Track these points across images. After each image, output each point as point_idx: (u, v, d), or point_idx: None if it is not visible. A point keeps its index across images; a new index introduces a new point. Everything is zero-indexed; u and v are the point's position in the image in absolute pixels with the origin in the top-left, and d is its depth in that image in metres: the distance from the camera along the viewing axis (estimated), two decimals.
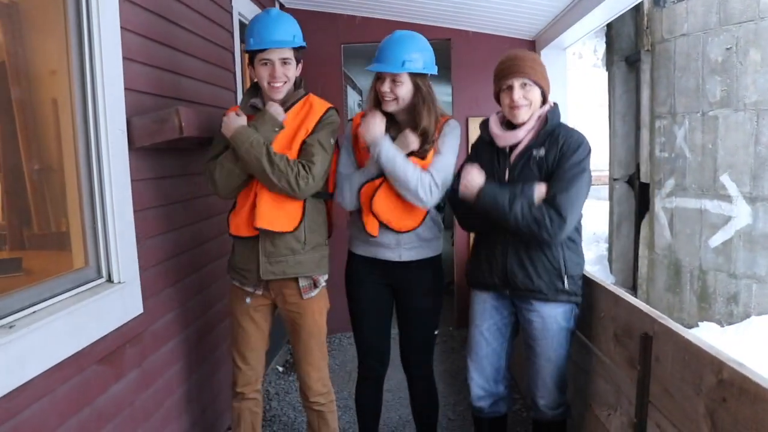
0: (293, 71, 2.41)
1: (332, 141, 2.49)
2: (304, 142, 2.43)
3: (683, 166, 6.15)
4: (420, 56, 2.48)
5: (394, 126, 2.58)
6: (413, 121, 2.53)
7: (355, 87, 9.37)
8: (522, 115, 2.38)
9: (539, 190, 2.32)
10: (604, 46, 8.10)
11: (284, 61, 2.36)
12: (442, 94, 8.30)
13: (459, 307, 5.42)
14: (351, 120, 2.71)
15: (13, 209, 2.05)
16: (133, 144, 2.35)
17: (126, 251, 2.30)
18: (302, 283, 2.51)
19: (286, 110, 2.43)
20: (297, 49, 2.42)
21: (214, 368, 3.20)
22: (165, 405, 2.64)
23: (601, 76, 7.88)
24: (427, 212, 2.60)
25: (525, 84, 2.36)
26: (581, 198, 2.33)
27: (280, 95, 2.41)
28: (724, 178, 5.71)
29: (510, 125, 2.46)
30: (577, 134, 2.40)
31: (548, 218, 2.26)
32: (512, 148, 2.45)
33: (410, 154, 2.50)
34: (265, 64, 2.36)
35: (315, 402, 2.67)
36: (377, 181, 2.53)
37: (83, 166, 2.19)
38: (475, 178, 2.38)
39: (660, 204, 6.51)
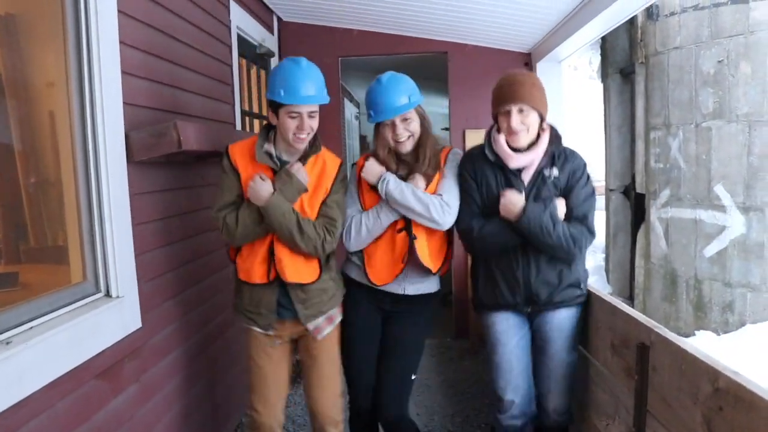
0: (317, 123, 2.40)
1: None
2: (324, 203, 2.46)
3: (678, 177, 6.19)
4: (412, 89, 2.53)
5: (402, 164, 2.58)
6: (417, 154, 2.53)
7: (352, 99, 9.41)
8: (520, 140, 2.41)
9: (561, 207, 2.42)
10: (599, 58, 8.15)
11: (311, 115, 2.35)
12: (439, 106, 8.35)
13: (457, 318, 5.43)
14: (354, 164, 2.69)
15: (10, 223, 2.06)
16: (131, 158, 2.36)
17: (124, 265, 2.30)
18: (311, 326, 2.51)
19: (301, 160, 2.42)
20: None
21: (213, 382, 3.19)
22: (164, 420, 2.63)
23: (596, 88, 7.92)
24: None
25: (522, 109, 2.37)
26: (593, 214, 2.51)
27: (303, 146, 2.40)
28: (718, 189, 5.75)
29: (515, 150, 2.47)
30: (578, 155, 2.53)
31: (584, 237, 2.44)
32: (521, 170, 2.48)
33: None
34: (294, 117, 2.31)
35: None
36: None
37: (81, 180, 2.19)
38: (515, 200, 2.40)
39: (655, 214, 6.54)
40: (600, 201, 8.30)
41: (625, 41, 7.36)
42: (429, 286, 2.67)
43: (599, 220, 2.63)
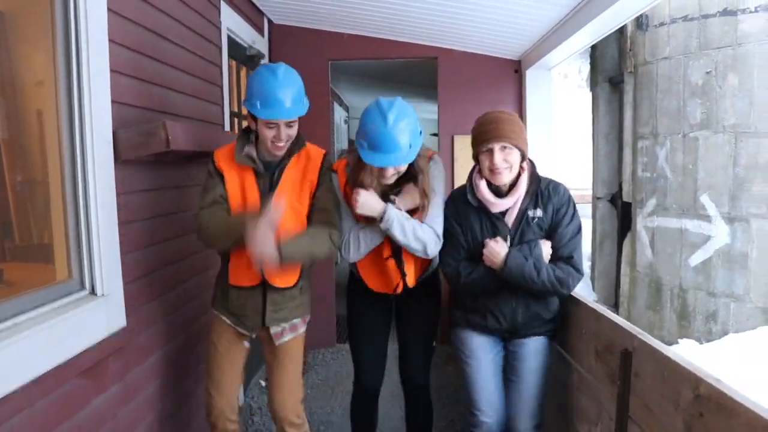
0: (296, 129, 2.41)
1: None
2: (315, 198, 2.50)
3: (664, 186, 6.23)
4: (414, 131, 2.39)
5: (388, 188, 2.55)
6: (406, 172, 2.49)
7: (341, 103, 9.42)
8: (503, 178, 2.44)
9: (545, 249, 2.47)
10: (589, 67, 8.19)
11: (289, 125, 2.36)
12: (428, 111, 8.37)
13: (441, 324, 5.41)
14: (335, 171, 2.62)
15: None
16: (119, 157, 2.35)
17: (110, 264, 2.29)
18: (274, 330, 2.55)
19: (288, 156, 2.45)
20: None
21: (197, 382, 3.18)
22: (147, 419, 2.62)
23: (585, 97, 7.96)
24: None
25: (505, 147, 2.39)
26: (580, 251, 2.54)
27: (282, 152, 2.42)
28: (704, 199, 5.79)
29: (497, 189, 2.50)
30: (561, 188, 2.54)
31: (571, 277, 2.48)
32: (503, 213, 2.51)
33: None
34: (271, 127, 2.33)
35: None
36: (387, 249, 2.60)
37: (68, 178, 2.18)
38: (499, 251, 2.44)
39: (642, 223, 6.58)
40: (587, 209, 8.37)
41: (615, 50, 7.41)
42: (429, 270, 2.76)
43: (586, 228, 2.65)
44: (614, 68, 7.44)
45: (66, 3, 2.12)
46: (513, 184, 2.48)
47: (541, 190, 2.50)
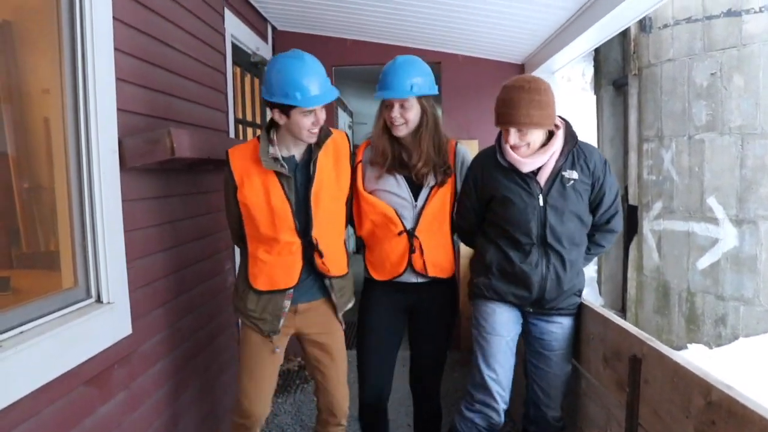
0: (325, 112, 2.41)
1: None
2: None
3: (671, 189, 6.21)
4: (424, 79, 2.55)
5: (403, 149, 2.61)
6: (412, 148, 2.57)
7: (345, 109, 9.43)
8: (522, 154, 2.42)
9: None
10: (592, 69, 8.18)
11: (323, 107, 2.36)
12: None
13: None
14: (356, 147, 2.73)
15: (2, 228, 2.04)
16: (124, 164, 2.35)
17: (116, 271, 2.29)
18: (341, 313, 2.61)
19: (317, 147, 2.44)
20: None
21: (203, 390, 3.18)
22: (152, 427, 2.61)
23: (589, 100, 7.95)
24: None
25: (521, 129, 2.37)
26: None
27: (315, 139, 2.41)
28: (711, 201, 5.77)
29: None
30: (596, 151, 2.53)
31: (609, 244, 2.63)
32: (535, 172, 2.45)
33: (433, 186, 2.58)
34: (309, 114, 2.31)
35: (341, 425, 2.70)
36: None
37: (74, 186, 2.18)
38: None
39: (648, 226, 6.56)
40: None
41: (618, 53, 7.40)
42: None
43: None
44: (618, 71, 7.43)
45: (72, 12, 2.12)
46: (543, 145, 2.44)
47: (578, 151, 2.46)
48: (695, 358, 4.41)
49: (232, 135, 3.83)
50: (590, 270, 8.89)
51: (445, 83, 5.24)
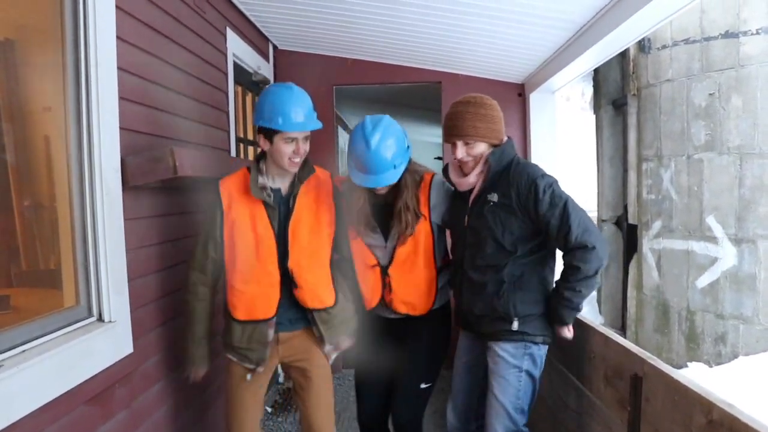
0: (308, 146, 2.44)
1: None
2: (337, 226, 2.56)
3: (670, 208, 6.23)
4: (398, 150, 2.47)
5: (384, 204, 2.61)
6: (397, 194, 2.57)
7: (345, 128, 9.47)
8: (468, 168, 2.50)
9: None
10: (592, 89, 8.24)
11: (305, 139, 2.40)
12: (432, 135, 8.40)
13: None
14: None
15: (2, 246, 2.05)
16: (127, 183, 2.36)
17: (117, 290, 2.29)
18: (327, 348, 2.59)
19: (299, 182, 2.47)
20: None
21: (203, 409, 3.16)
22: None
23: (588, 119, 8.00)
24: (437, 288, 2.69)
25: (468, 142, 2.43)
26: (584, 219, 2.32)
27: (296, 169, 2.45)
28: (710, 220, 5.79)
29: None
30: (525, 173, 2.38)
31: (585, 263, 2.28)
32: (470, 192, 2.52)
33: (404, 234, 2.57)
34: (290, 142, 2.36)
35: None
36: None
37: (76, 204, 2.18)
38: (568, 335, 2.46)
39: (648, 245, 6.57)
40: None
41: (618, 73, 7.46)
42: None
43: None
44: (617, 91, 7.48)
45: (76, 31, 2.14)
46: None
47: (501, 172, 2.43)
48: (695, 376, 4.40)
49: (233, 154, 3.85)
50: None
51: (445, 103, 5.26)
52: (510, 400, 2.45)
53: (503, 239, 2.40)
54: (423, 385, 2.70)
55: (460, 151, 2.44)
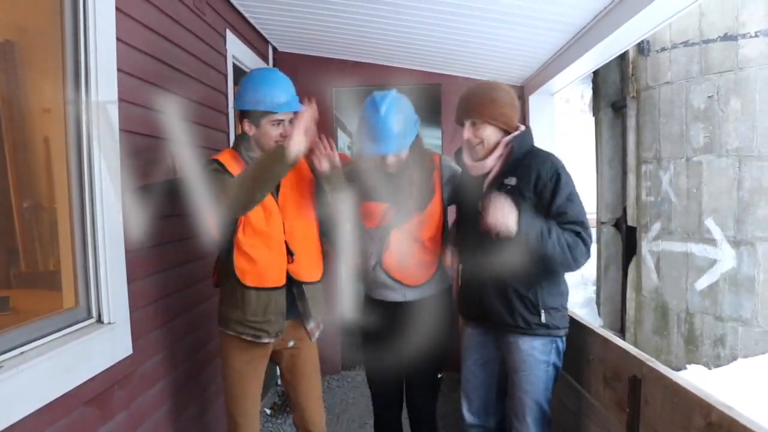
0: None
1: None
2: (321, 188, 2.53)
3: (669, 210, 6.23)
4: (408, 121, 2.54)
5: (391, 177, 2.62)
6: (407, 172, 2.60)
7: (345, 129, 9.47)
8: (476, 152, 2.47)
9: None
10: (591, 92, 8.25)
11: (290, 121, 2.42)
12: (432, 137, 8.39)
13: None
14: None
15: (1, 247, 2.05)
16: (126, 184, 2.36)
17: (117, 291, 2.29)
18: (311, 325, 2.60)
19: None
20: None
21: (202, 410, 3.16)
22: None
23: (587, 121, 8.00)
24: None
25: (475, 123, 2.43)
26: (587, 221, 2.35)
27: None
28: (709, 222, 5.79)
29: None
30: (549, 162, 2.37)
31: (578, 248, 2.28)
32: (485, 176, 2.50)
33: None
34: (277, 124, 2.41)
35: None
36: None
37: (76, 206, 2.19)
38: (510, 211, 2.26)
39: (647, 247, 6.57)
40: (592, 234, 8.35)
41: (617, 75, 7.46)
42: (429, 288, 2.70)
43: (591, 253, 2.51)
44: (616, 93, 7.48)
45: (76, 32, 2.15)
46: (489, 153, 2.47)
47: (521, 158, 2.41)
48: (694, 378, 4.40)
49: None
50: (589, 291, 8.90)
51: (445, 105, 5.28)
52: (541, 395, 2.45)
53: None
54: (438, 375, 2.81)
55: (467, 132, 2.44)
